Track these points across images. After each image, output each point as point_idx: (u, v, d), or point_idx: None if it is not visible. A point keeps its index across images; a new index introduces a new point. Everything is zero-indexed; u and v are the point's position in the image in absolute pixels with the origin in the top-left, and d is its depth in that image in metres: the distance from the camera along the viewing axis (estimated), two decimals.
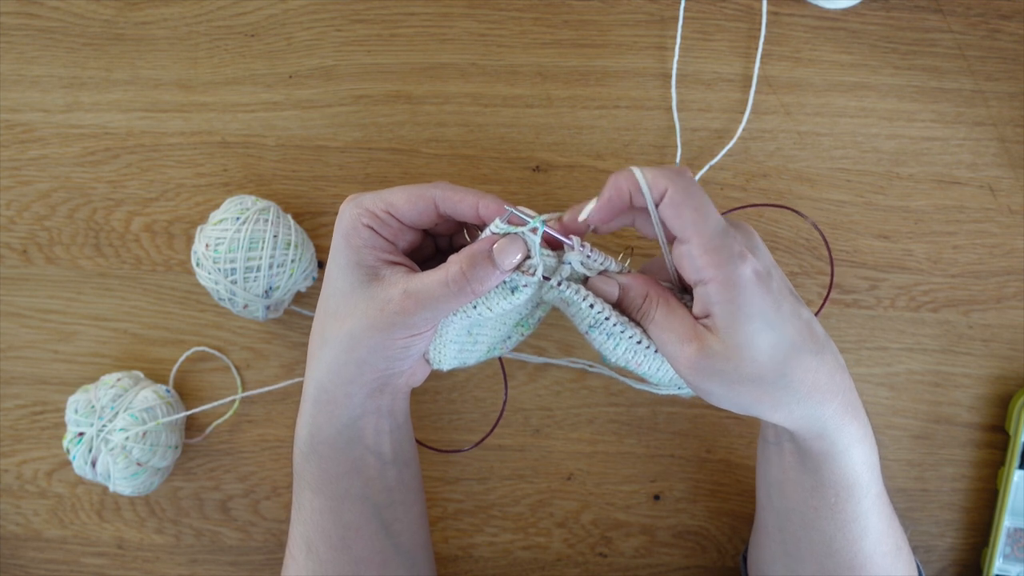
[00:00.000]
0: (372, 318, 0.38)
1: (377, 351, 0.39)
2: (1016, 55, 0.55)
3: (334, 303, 0.40)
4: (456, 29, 0.55)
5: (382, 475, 0.44)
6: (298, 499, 0.44)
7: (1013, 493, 0.54)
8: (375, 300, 0.38)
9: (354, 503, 0.44)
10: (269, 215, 0.50)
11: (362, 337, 0.39)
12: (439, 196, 0.39)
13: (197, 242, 0.50)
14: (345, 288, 0.39)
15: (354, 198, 0.40)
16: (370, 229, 0.39)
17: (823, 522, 0.43)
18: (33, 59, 0.55)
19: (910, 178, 0.56)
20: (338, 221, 0.40)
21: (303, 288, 0.52)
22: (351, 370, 0.40)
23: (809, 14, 0.56)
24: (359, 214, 0.39)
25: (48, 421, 0.56)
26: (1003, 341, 0.55)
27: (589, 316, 0.39)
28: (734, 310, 0.36)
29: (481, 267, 0.37)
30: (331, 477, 0.43)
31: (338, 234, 0.40)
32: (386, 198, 0.39)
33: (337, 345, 0.40)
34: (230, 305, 0.50)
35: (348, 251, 0.39)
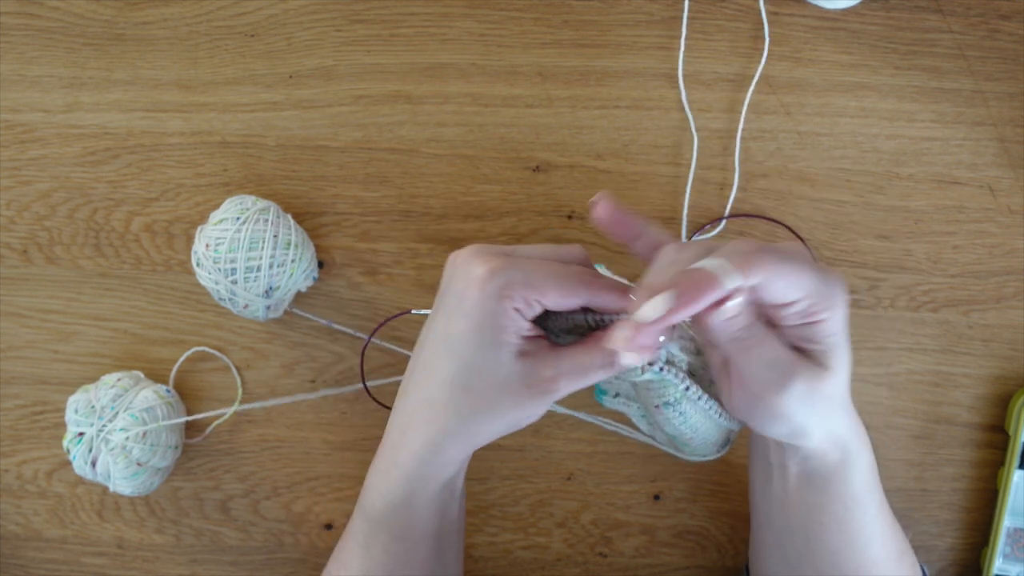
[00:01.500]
0: (520, 396, 0.38)
1: (514, 422, 0.40)
2: (1016, 55, 0.55)
3: (471, 378, 0.38)
4: (456, 29, 0.55)
5: (451, 509, 0.45)
6: (367, 540, 0.43)
7: (1013, 493, 0.54)
8: (525, 378, 0.38)
9: (427, 542, 0.43)
10: (269, 215, 0.50)
11: (505, 413, 0.39)
12: (591, 296, 0.38)
13: (197, 242, 0.50)
14: (488, 367, 0.38)
15: (497, 273, 0.37)
16: (518, 312, 0.38)
17: (830, 536, 0.42)
18: (33, 59, 0.55)
19: (910, 178, 0.56)
20: (478, 292, 0.37)
21: (303, 288, 0.52)
22: (480, 439, 0.40)
23: (809, 14, 0.56)
24: (508, 296, 0.37)
25: (48, 421, 0.56)
26: (1003, 341, 0.55)
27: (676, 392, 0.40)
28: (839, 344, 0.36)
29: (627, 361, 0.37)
30: (418, 525, 0.43)
31: (478, 309, 0.37)
32: (538, 288, 0.37)
33: (473, 418, 0.39)
34: (230, 305, 0.50)
35: (493, 330, 0.37)
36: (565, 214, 0.56)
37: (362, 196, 0.56)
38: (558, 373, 0.38)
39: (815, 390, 0.37)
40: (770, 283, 0.33)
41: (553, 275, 0.38)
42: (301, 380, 0.56)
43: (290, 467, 0.56)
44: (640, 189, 0.55)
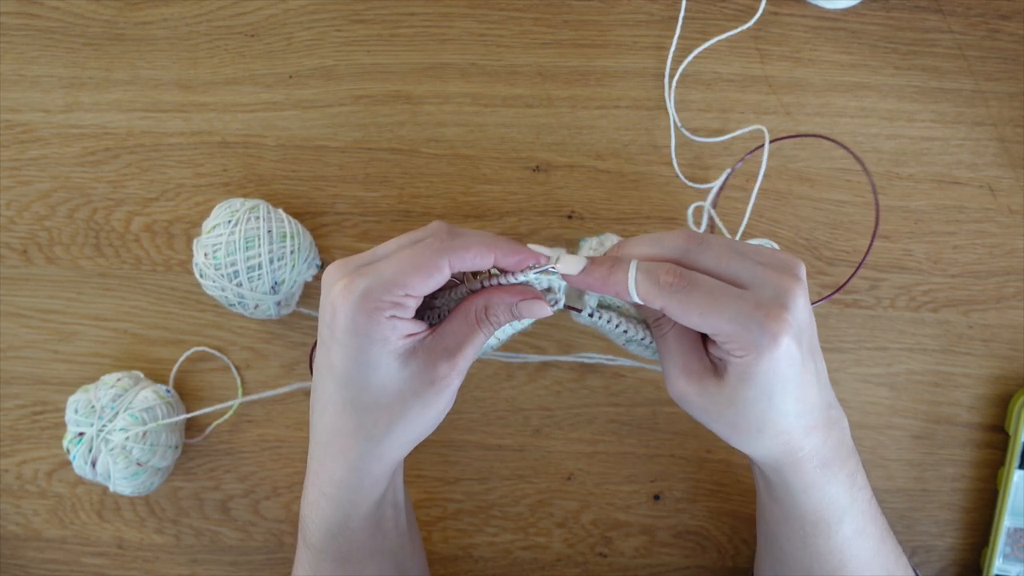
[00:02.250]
0: (425, 396, 0.38)
1: (428, 423, 0.39)
2: (1016, 55, 0.55)
3: (368, 397, 0.38)
4: (456, 29, 0.55)
5: (397, 523, 0.44)
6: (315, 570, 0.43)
7: (1013, 493, 0.54)
8: (421, 377, 0.37)
9: (375, 559, 0.43)
10: (260, 212, 0.50)
11: (415, 417, 0.38)
12: (451, 260, 0.36)
13: (196, 254, 0.50)
14: (382, 381, 0.37)
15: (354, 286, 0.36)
16: (393, 319, 0.36)
17: (798, 552, 0.42)
18: (33, 59, 0.55)
19: (910, 178, 0.56)
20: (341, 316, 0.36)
21: (308, 277, 0.52)
22: (400, 450, 0.40)
23: (809, 14, 0.56)
24: (375, 308, 0.36)
25: (48, 421, 0.56)
26: (1003, 341, 0.55)
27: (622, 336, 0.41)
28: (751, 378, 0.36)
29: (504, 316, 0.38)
30: (358, 545, 0.42)
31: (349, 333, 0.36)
32: (398, 281, 0.36)
33: (386, 434, 0.38)
34: (241, 308, 0.50)
35: (373, 346, 0.36)
36: (565, 214, 0.56)
37: (362, 196, 0.56)
38: (451, 358, 0.38)
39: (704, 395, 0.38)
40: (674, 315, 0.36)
41: (408, 262, 0.36)
42: (301, 380, 0.56)
43: (290, 467, 0.56)
44: (640, 189, 0.55)
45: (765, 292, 0.36)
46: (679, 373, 0.38)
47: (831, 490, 0.40)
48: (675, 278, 0.36)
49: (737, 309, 0.35)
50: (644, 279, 0.36)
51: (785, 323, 0.35)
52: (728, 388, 0.37)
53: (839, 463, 0.40)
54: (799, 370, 0.36)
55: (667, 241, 0.37)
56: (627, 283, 0.36)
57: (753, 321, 0.35)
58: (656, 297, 0.36)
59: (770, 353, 0.35)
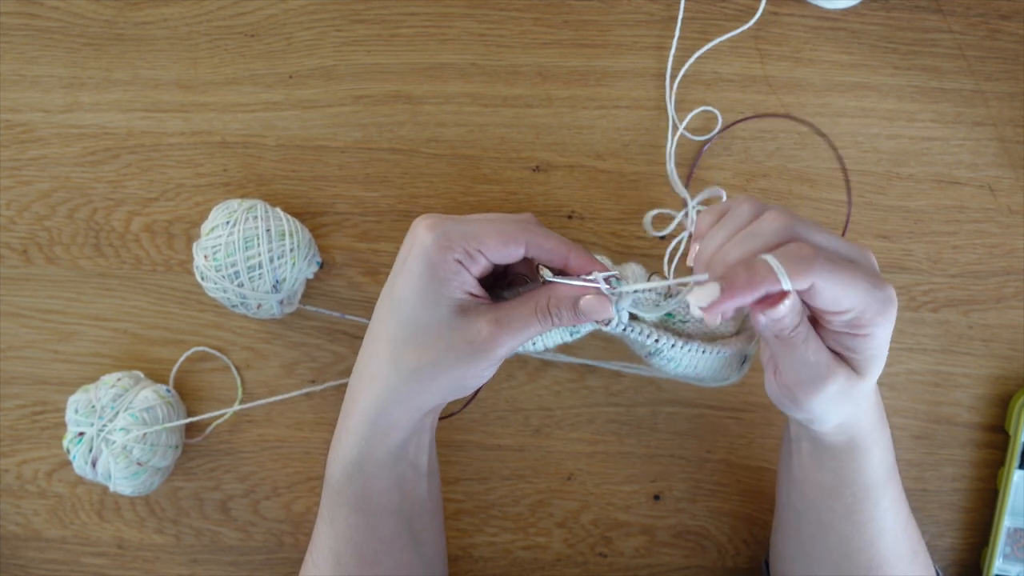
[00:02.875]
0: (459, 351, 0.39)
1: (457, 381, 0.40)
2: (1016, 55, 0.55)
3: (410, 332, 0.39)
4: (456, 29, 0.55)
5: (416, 487, 0.45)
6: (331, 514, 0.44)
7: (1013, 493, 0.54)
8: (464, 332, 0.38)
9: (390, 517, 0.44)
10: (257, 211, 0.50)
11: (446, 369, 0.39)
12: (530, 242, 0.39)
13: (196, 257, 0.50)
14: (427, 320, 0.39)
15: (438, 226, 0.39)
16: (459, 264, 0.38)
17: (840, 523, 0.43)
18: (33, 59, 0.55)
19: (910, 178, 0.56)
20: (417, 246, 0.39)
21: (310, 275, 0.52)
22: (424, 399, 0.41)
23: (809, 14, 0.56)
24: (448, 247, 0.38)
25: (48, 421, 0.56)
26: (1003, 341, 0.55)
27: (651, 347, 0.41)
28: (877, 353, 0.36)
29: (567, 312, 0.39)
30: (373, 494, 0.43)
31: (419, 262, 0.38)
32: (479, 237, 0.38)
33: (414, 375, 0.40)
34: (244, 309, 0.50)
35: (434, 283, 0.38)
36: (565, 214, 0.56)
37: (362, 196, 0.56)
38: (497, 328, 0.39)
39: (845, 393, 0.37)
40: (822, 291, 0.33)
41: (493, 227, 0.38)
42: (301, 380, 0.56)
43: (290, 467, 0.56)
44: (640, 189, 0.55)
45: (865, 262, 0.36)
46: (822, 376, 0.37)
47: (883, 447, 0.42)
48: (813, 250, 0.33)
49: (865, 278, 0.34)
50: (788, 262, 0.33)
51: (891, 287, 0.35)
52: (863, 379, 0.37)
53: (884, 417, 0.42)
54: None
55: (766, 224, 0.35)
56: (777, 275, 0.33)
57: (879, 290, 0.34)
58: (810, 271, 0.33)
59: (892, 319, 0.35)
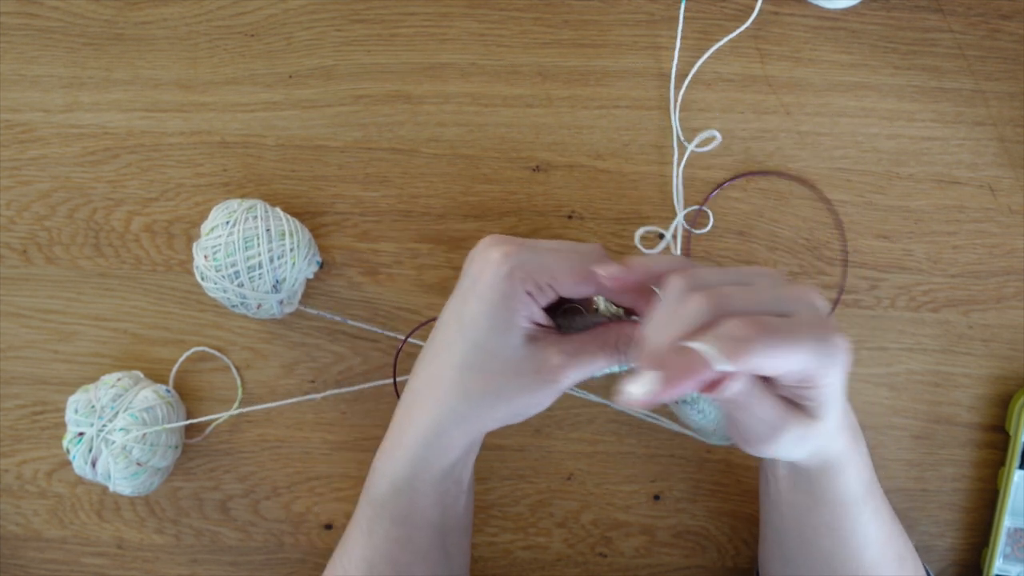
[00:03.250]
0: (527, 380, 0.39)
1: (519, 408, 0.40)
2: (1016, 55, 0.55)
3: (480, 358, 0.39)
4: (456, 29, 0.55)
5: (456, 503, 0.45)
6: (370, 525, 0.44)
7: (1013, 493, 0.54)
8: (532, 362, 0.39)
9: (429, 531, 0.44)
10: (257, 211, 0.50)
11: (512, 396, 0.39)
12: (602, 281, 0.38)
13: (196, 257, 0.50)
14: (498, 347, 0.39)
15: (513, 255, 0.38)
16: (530, 296, 0.38)
17: (822, 539, 0.43)
18: (33, 59, 0.55)
19: (910, 178, 0.56)
20: (490, 273, 0.38)
21: (310, 275, 0.52)
22: (484, 423, 0.41)
23: (809, 14, 0.56)
24: (522, 278, 0.38)
25: (48, 421, 0.56)
26: (1003, 341, 0.55)
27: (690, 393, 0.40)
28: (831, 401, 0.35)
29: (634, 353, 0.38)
30: (418, 510, 0.43)
31: (492, 290, 0.38)
32: (551, 270, 0.38)
33: (479, 400, 0.40)
34: (244, 309, 0.50)
35: (506, 312, 0.38)
36: (565, 214, 0.56)
37: (362, 196, 0.56)
38: (566, 360, 0.39)
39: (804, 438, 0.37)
40: (763, 367, 0.32)
41: (567, 259, 0.39)
42: (301, 380, 0.56)
43: (290, 467, 0.56)
44: (640, 189, 0.55)
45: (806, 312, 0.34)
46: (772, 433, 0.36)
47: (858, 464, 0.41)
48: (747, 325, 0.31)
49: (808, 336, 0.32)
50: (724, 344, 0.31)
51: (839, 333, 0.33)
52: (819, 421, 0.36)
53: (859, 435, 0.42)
54: None
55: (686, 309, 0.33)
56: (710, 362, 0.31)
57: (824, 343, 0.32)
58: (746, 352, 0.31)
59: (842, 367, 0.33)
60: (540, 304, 0.39)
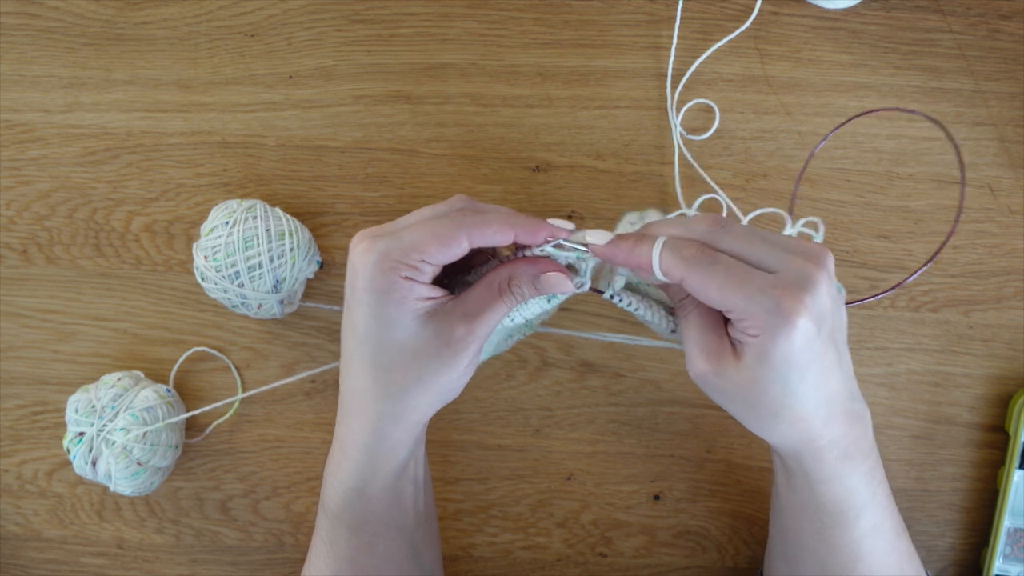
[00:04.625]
0: (440, 357, 0.39)
1: (445, 387, 0.40)
2: (1016, 55, 0.55)
3: (387, 357, 0.39)
4: (456, 29, 0.55)
5: (415, 502, 0.45)
6: (330, 536, 0.44)
7: (1013, 493, 0.54)
8: (438, 338, 0.38)
9: (391, 534, 0.44)
10: (257, 211, 0.50)
11: (432, 378, 0.39)
12: (471, 234, 0.38)
13: (196, 257, 0.50)
14: (399, 340, 0.38)
15: (374, 248, 0.38)
16: (408, 279, 0.38)
17: (814, 544, 0.42)
18: (33, 59, 0.55)
19: (910, 178, 0.56)
20: (361, 274, 0.38)
21: (310, 274, 0.52)
22: (419, 413, 0.40)
23: (809, 14, 0.56)
24: (392, 268, 0.37)
25: (48, 421, 0.56)
26: (1003, 341, 0.55)
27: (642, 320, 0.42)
28: (766, 357, 0.36)
29: (528, 289, 0.39)
30: (374, 515, 0.43)
31: (367, 291, 0.38)
32: (417, 247, 0.37)
33: (402, 395, 0.39)
34: (245, 309, 0.50)
35: (390, 305, 0.38)
36: (565, 214, 0.56)
37: (362, 196, 0.56)
38: (469, 324, 0.39)
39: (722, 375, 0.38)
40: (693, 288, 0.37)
41: (428, 231, 0.38)
42: (301, 380, 0.56)
43: (290, 467, 0.56)
44: (640, 189, 0.55)
45: (787, 276, 0.36)
46: (699, 353, 0.38)
47: (850, 483, 0.40)
48: (697, 252, 0.36)
49: (755, 287, 0.35)
50: (667, 253, 0.37)
51: (802, 305, 0.35)
52: (745, 369, 0.37)
53: (860, 457, 0.40)
54: (818, 355, 0.36)
55: (694, 224, 0.38)
56: (651, 256, 0.37)
57: (769, 300, 0.35)
58: (676, 269, 0.36)
59: (785, 334, 0.35)
60: (423, 281, 0.38)
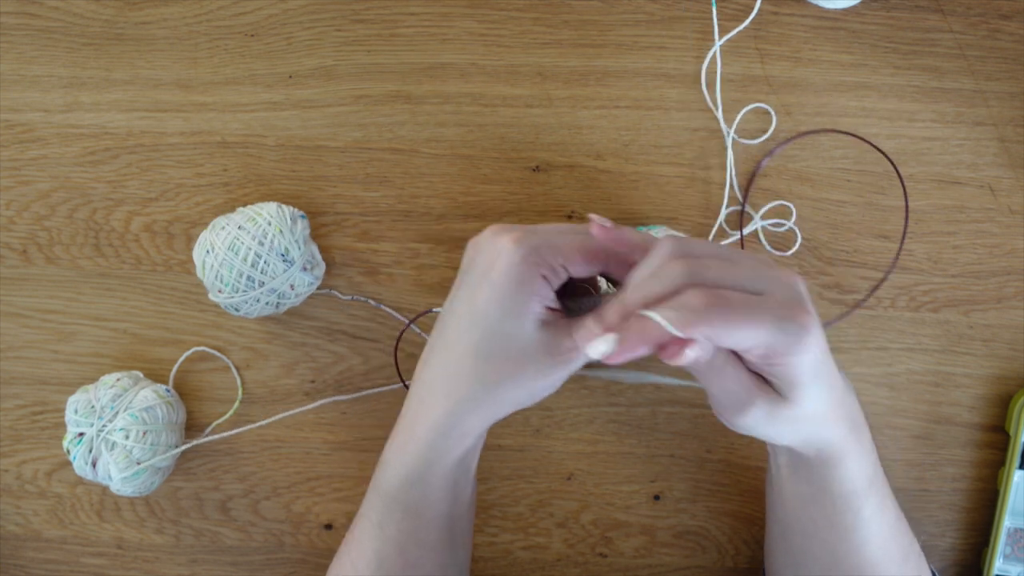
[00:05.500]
0: (543, 365, 0.39)
1: (534, 392, 0.40)
2: (1016, 55, 0.55)
3: (496, 346, 0.39)
4: (456, 29, 0.55)
5: (464, 492, 0.45)
6: (380, 518, 0.44)
7: (1013, 493, 0.54)
8: (548, 347, 0.39)
9: (439, 522, 0.44)
10: (259, 215, 0.50)
11: (528, 381, 0.39)
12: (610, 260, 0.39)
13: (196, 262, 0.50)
14: (514, 334, 0.39)
15: (525, 241, 0.38)
16: (545, 280, 0.38)
17: (823, 532, 0.43)
18: (33, 59, 0.55)
19: (910, 178, 0.56)
20: (504, 260, 0.38)
21: (311, 277, 0.52)
22: (501, 409, 0.41)
23: (809, 14, 0.56)
24: (536, 263, 0.38)
25: (48, 421, 0.56)
26: (1003, 341, 0.55)
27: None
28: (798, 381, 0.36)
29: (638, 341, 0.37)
30: (430, 502, 0.43)
31: (506, 276, 0.38)
32: (564, 252, 0.38)
33: (497, 387, 0.40)
34: (246, 314, 0.51)
35: (520, 297, 0.38)
36: (565, 214, 0.56)
37: (362, 196, 0.56)
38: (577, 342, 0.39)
39: (775, 415, 0.37)
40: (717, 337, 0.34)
41: (577, 240, 0.39)
42: (301, 380, 0.56)
43: (290, 467, 0.56)
44: (640, 189, 0.55)
45: (781, 293, 0.35)
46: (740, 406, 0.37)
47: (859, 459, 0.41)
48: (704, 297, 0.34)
49: (771, 314, 0.34)
50: (676, 314, 0.33)
51: (811, 315, 0.35)
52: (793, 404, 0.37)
53: (861, 428, 0.41)
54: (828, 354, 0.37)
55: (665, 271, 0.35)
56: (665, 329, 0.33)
57: (788, 322, 0.34)
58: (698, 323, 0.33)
59: (810, 348, 0.35)
60: (554, 287, 0.39)
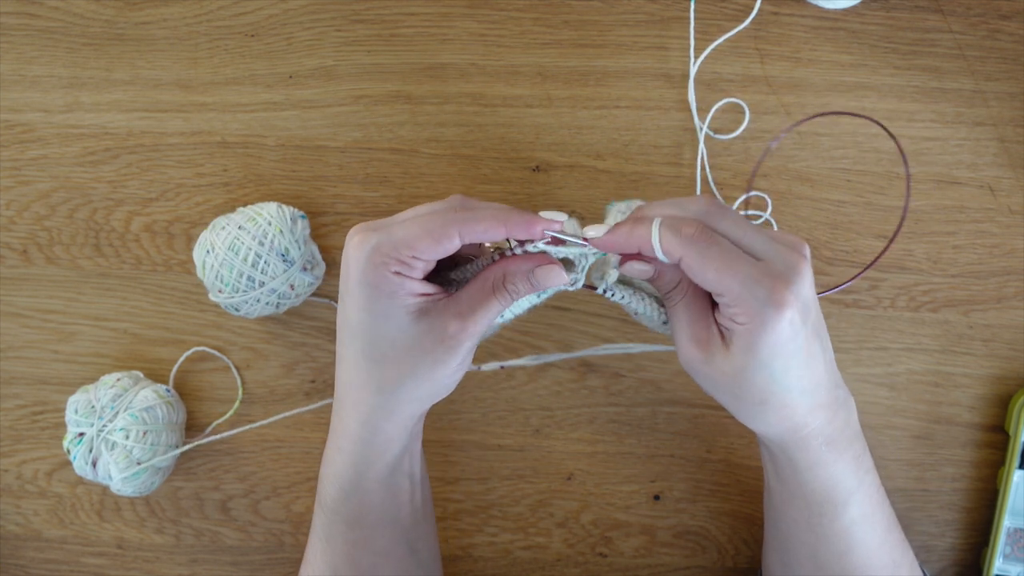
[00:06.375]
0: (433, 353, 0.39)
1: (438, 383, 0.40)
2: (1016, 55, 0.55)
3: (379, 351, 0.39)
4: (456, 29, 0.55)
5: (412, 497, 0.45)
6: (326, 532, 0.44)
7: (1013, 493, 0.54)
8: (431, 335, 0.39)
9: (387, 529, 0.44)
10: (259, 216, 0.50)
11: (425, 374, 0.39)
12: (463, 231, 0.38)
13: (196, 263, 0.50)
14: (391, 334, 0.39)
15: (366, 242, 0.38)
16: (399, 275, 0.38)
17: (804, 534, 0.43)
18: (33, 59, 0.55)
19: (910, 178, 0.56)
20: (353, 268, 0.38)
21: (311, 278, 0.52)
22: (412, 407, 0.41)
23: (809, 14, 0.56)
24: (383, 263, 0.37)
25: (48, 421, 0.56)
26: (1003, 341, 0.55)
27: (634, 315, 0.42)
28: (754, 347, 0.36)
29: (523, 285, 0.39)
30: (370, 509, 0.43)
31: (360, 285, 0.38)
32: (409, 243, 0.37)
33: (395, 389, 0.40)
34: (246, 314, 0.51)
35: (382, 300, 0.38)
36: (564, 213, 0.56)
37: (362, 196, 0.56)
38: (462, 322, 0.39)
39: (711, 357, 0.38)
40: (690, 268, 0.37)
41: (420, 227, 0.38)
42: (301, 380, 0.56)
43: (290, 467, 0.56)
44: (640, 189, 0.55)
45: (776, 264, 0.36)
46: (688, 341, 0.39)
47: (836, 470, 0.41)
48: (697, 231, 0.37)
49: (749, 273, 0.36)
50: (667, 232, 0.37)
51: (792, 294, 0.36)
52: (733, 357, 0.37)
53: (845, 443, 0.41)
54: (802, 345, 0.37)
55: (689, 205, 0.38)
56: (650, 236, 0.37)
57: (761, 287, 0.35)
58: (677, 247, 0.36)
59: (774, 322, 0.36)
60: (414, 277, 0.38)
